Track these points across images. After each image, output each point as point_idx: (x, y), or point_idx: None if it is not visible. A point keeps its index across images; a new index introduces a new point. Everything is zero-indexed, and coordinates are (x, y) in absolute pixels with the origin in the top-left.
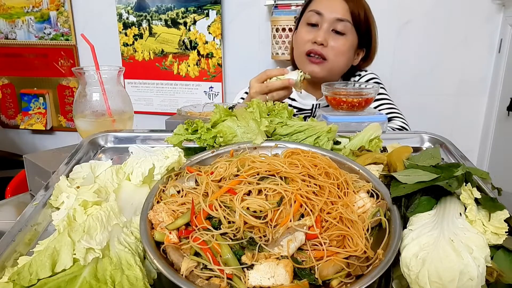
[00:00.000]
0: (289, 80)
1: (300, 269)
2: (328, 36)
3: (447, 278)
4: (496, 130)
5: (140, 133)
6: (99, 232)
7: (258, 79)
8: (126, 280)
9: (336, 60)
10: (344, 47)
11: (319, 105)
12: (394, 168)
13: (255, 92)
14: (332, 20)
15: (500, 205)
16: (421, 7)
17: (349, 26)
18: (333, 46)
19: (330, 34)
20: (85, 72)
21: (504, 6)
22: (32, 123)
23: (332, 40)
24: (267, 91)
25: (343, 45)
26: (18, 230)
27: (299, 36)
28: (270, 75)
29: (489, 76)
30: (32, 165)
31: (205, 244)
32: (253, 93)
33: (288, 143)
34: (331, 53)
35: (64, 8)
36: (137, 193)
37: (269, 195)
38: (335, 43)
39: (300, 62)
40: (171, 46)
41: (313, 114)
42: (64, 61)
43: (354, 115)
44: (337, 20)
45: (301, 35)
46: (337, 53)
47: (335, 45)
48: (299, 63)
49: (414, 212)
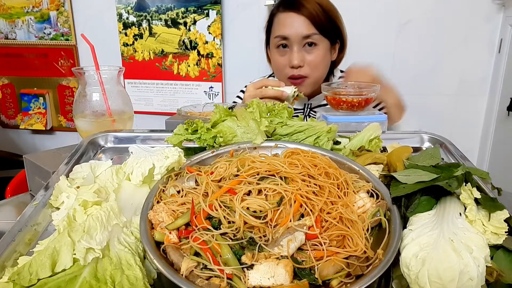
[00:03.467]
0: (282, 92)
1: (300, 269)
2: (302, 54)
3: (447, 278)
4: (496, 130)
5: (140, 133)
6: (99, 232)
7: (254, 85)
8: (126, 280)
9: (316, 72)
10: (319, 57)
11: (310, 105)
12: (394, 168)
13: (249, 95)
14: (299, 39)
15: (500, 205)
16: (421, 7)
17: (317, 37)
18: (309, 61)
19: (302, 51)
20: (85, 72)
21: (504, 6)
22: (32, 123)
23: (307, 55)
24: (261, 96)
25: (317, 55)
26: (18, 230)
27: (275, 61)
28: (266, 84)
29: (489, 76)
30: (32, 165)
31: (205, 244)
32: (247, 96)
33: (288, 143)
34: (310, 69)
35: (64, 8)
36: (137, 193)
37: (269, 195)
38: (310, 58)
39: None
40: (171, 46)
41: (305, 113)
42: (64, 61)
43: (354, 115)
44: (304, 37)
45: (277, 61)
46: (314, 66)
47: (311, 59)
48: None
49: (414, 212)
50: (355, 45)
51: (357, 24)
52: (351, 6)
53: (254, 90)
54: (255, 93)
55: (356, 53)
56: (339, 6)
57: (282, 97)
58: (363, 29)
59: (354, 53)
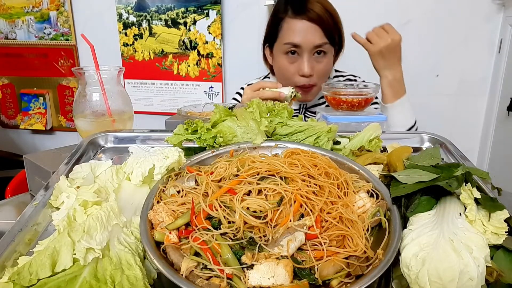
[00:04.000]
0: (280, 93)
1: (300, 269)
2: (312, 63)
3: (447, 278)
4: (496, 130)
5: (140, 133)
6: (99, 232)
7: (252, 87)
8: (126, 280)
9: (323, 80)
10: (328, 66)
11: (306, 105)
12: (394, 168)
13: (247, 98)
14: (311, 48)
15: (500, 205)
16: (421, 7)
17: (328, 46)
18: (318, 70)
19: (312, 59)
20: (85, 72)
21: (504, 6)
22: (32, 123)
23: (316, 64)
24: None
25: (326, 64)
26: (18, 230)
27: (282, 68)
28: (264, 86)
29: (489, 76)
30: (32, 165)
31: (205, 244)
32: (244, 99)
33: (288, 143)
34: (318, 78)
35: (64, 8)
36: (137, 193)
37: (269, 195)
38: (319, 66)
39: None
40: (171, 46)
41: (301, 113)
42: (64, 61)
43: (354, 115)
44: (316, 47)
45: (285, 67)
46: (322, 74)
47: (320, 67)
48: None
49: (414, 212)
50: (355, 45)
51: (357, 24)
52: (351, 6)
53: (252, 92)
54: (253, 95)
55: (356, 53)
56: (339, 6)
57: (280, 98)
58: (363, 29)
59: (354, 53)
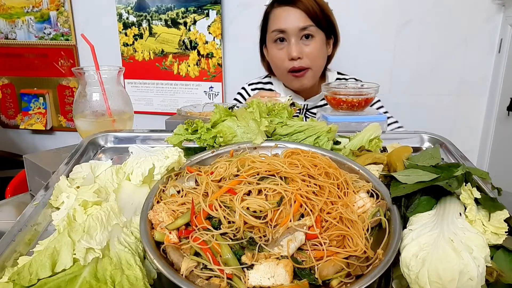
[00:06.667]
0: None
1: (300, 269)
2: (300, 46)
3: (447, 278)
4: (496, 130)
5: (140, 133)
6: (99, 232)
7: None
8: (126, 280)
9: (316, 64)
10: (317, 48)
11: (307, 106)
12: (394, 168)
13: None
14: (296, 31)
15: (500, 205)
16: (421, 7)
17: (313, 28)
18: (308, 53)
19: (300, 43)
20: (85, 72)
21: (504, 6)
22: (32, 123)
23: (305, 47)
24: None
25: (315, 47)
26: (18, 230)
27: (273, 56)
28: (262, 96)
29: (489, 76)
30: (32, 165)
31: (205, 244)
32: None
33: (288, 143)
34: (309, 60)
35: (64, 8)
36: (137, 193)
37: (269, 195)
38: (308, 49)
39: (286, 80)
40: (171, 46)
41: (301, 113)
42: (64, 61)
43: (354, 115)
44: (301, 30)
45: (275, 55)
46: (314, 57)
47: (309, 50)
48: (285, 81)
49: (414, 212)
50: (355, 45)
51: (357, 24)
52: (351, 6)
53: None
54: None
55: (356, 53)
56: (339, 6)
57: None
58: (363, 29)
59: (354, 53)
